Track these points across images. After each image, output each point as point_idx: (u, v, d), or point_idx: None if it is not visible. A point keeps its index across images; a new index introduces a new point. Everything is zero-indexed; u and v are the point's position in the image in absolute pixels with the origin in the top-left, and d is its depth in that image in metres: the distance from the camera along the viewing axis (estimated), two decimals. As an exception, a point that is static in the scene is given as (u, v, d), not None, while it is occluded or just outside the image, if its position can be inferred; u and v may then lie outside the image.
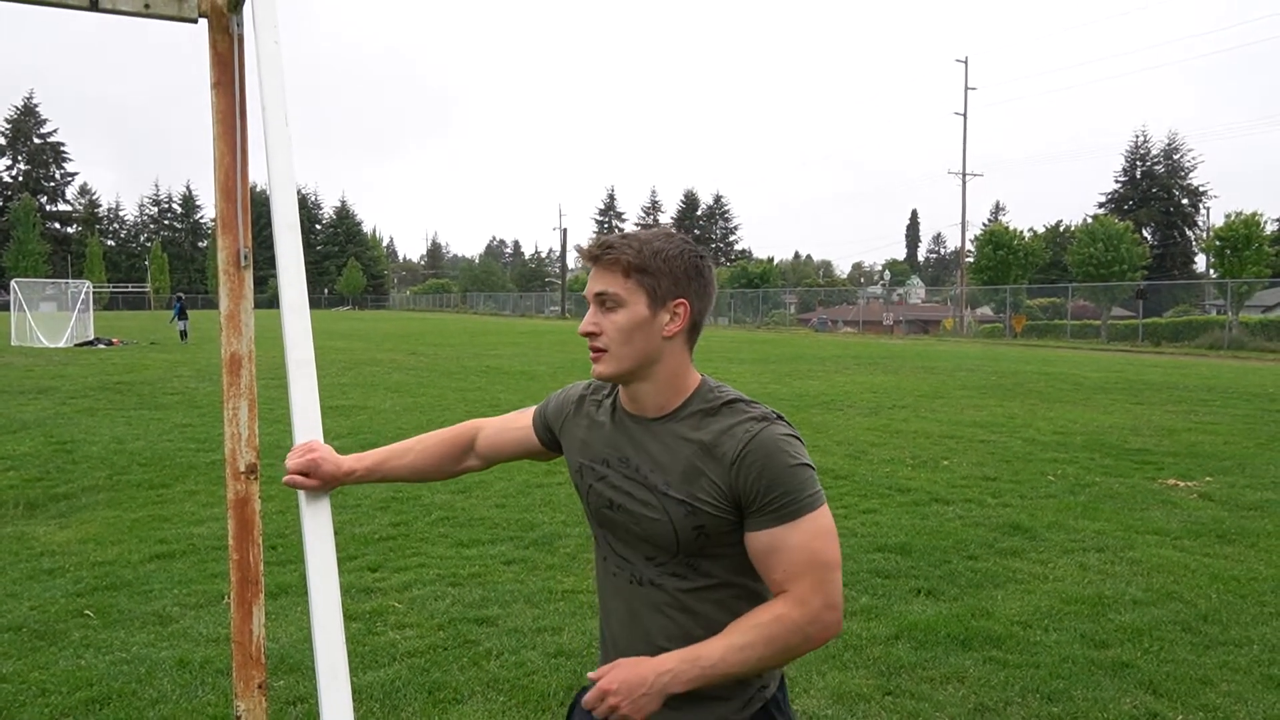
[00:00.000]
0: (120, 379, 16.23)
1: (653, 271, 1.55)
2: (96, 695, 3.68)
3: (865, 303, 56.97)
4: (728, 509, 1.52)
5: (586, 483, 1.68)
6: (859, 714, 3.61)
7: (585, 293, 1.60)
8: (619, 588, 1.66)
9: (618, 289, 1.54)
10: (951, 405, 13.66)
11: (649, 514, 1.57)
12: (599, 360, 1.57)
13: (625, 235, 1.58)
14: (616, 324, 1.55)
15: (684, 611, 1.58)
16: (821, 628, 1.49)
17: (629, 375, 1.58)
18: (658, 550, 1.59)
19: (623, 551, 1.65)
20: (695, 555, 1.56)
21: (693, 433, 1.56)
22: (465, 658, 4.10)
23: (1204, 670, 4.04)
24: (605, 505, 1.65)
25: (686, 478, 1.54)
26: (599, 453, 1.67)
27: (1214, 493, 7.61)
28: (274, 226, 1.90)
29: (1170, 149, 65.77)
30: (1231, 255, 36.14)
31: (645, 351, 1.56)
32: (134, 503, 6.92)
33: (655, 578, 1.60)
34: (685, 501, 1.53)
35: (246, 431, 3.13)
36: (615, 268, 1.55)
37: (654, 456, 1.58)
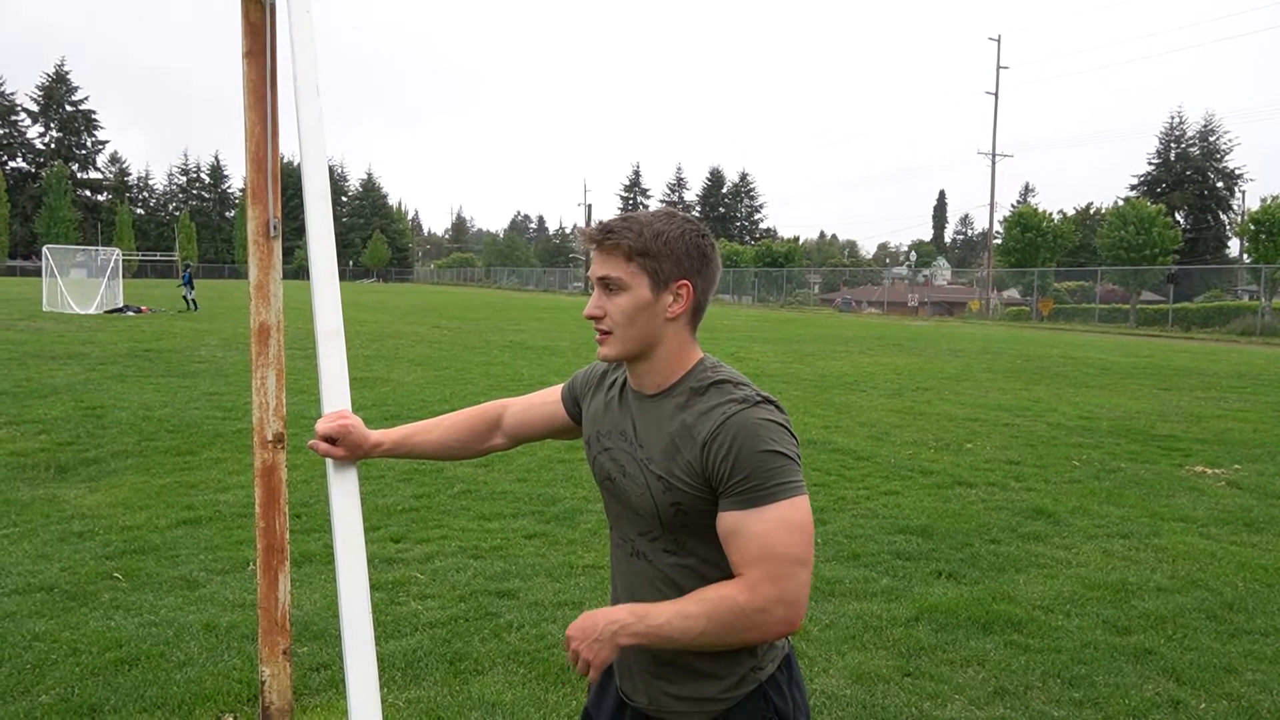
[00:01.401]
0: (149, 346, 16.42)
1: (654, 254, 1.56)
2: (125, 656, 3.75)
3: (890, 283, 56.51)
4: (701, 488, 1.53)
5: (593, 454, 1.73)
6: (878, 695, 3.61)
7: (589, 275, 1.62)
8: (620, 560, 1.72)
9: (620, 273, 1.56)
10: (976, 388, 13.56)
11: (635, 488, 1.62)
12: (604, 343, 1.61)
13: (627, 218, 1.58)
14: (620, 307, 1.57)
15: (673, 587, 1.60)
16: (773, 620, 1.46)
17: (633, 356, 1.61)
18: (648, 524, 1.63)
19: (621, 524, 1.70)
20: (679, 531, 1.59)
21: (679, 411, 1.58)
22: (486, 629, 4.13)
23: (1228, 658, 4.00)
24: (606, 477, 1.70)
25: (666, 454, 1.57)
26: (605, 425, 1.71)
27: (1242, 481, 7.52)
28: (305, 197, 1.89)
29: (1206, 131, 64.51)
30: (1266, 240, 35.48)
31: (648, 333, 1.58)
32: (162, 469, 7.01)
33: (649, 551, 1.64)
34: (663, 478, 1.57)
35: (274, 401, 3.16)
36: (617, 252, 1.56)
37: (644, 432, 1.62)
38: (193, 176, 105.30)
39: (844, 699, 3.57)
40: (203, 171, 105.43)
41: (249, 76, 2.93)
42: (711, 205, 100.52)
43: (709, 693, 1.60)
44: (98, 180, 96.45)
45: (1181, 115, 67.38)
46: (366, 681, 1.52)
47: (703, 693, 1.61)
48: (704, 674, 1.60)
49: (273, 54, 2.94)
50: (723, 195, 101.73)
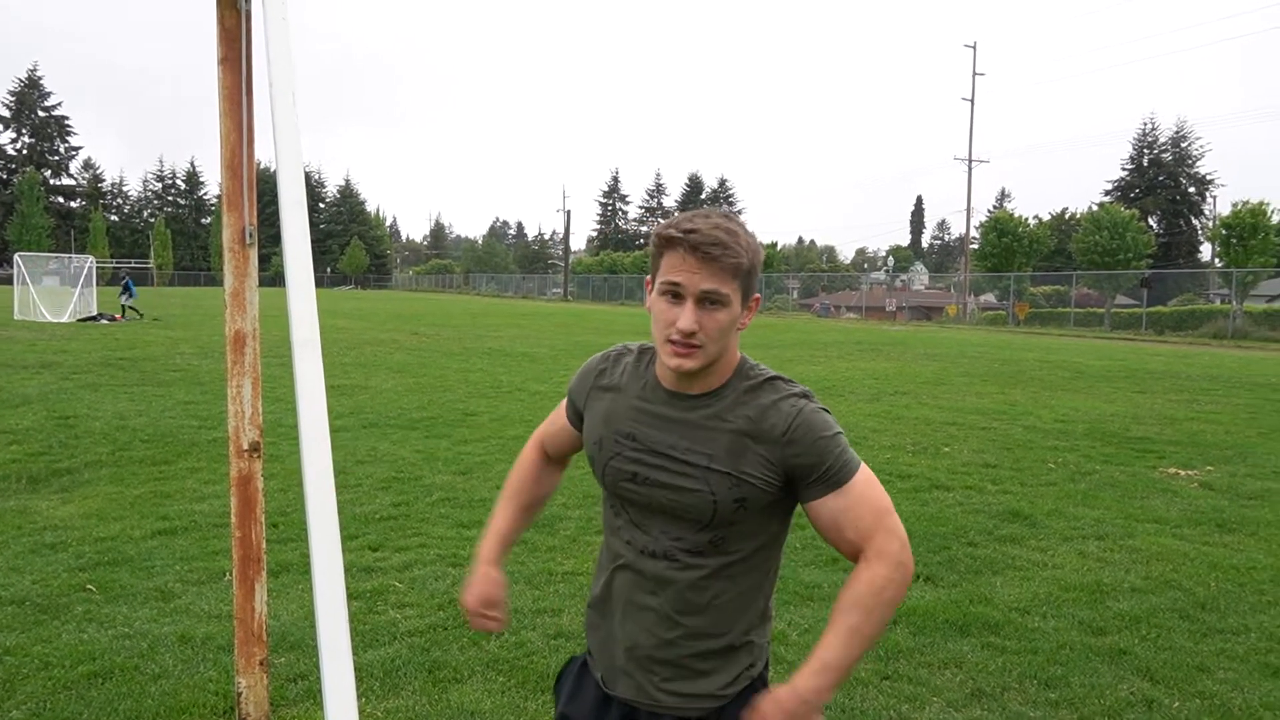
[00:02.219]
0: (123, 355, 16.24)
1: (753, 272, 1.57)
2: (99, 669, 3.70)
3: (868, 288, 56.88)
4: (775, 481, 1.57)
5: (605, 456, 1.67)
6: (857, 698, 3.63)
7: (681, 283, 1.51)
8: (632, 559, 1.66)
9: (727, 290, 1.53)
10: (953, 392, 13.66)
11: (685, 485, 1.58)
12: (691, 355, 1.54)
13: (728, 229, 1.52)
14: (719, 324, 1.54)
15: (689, 589, 1.60)
16: (905, 570, 1.57)
17: (706, 368, 1.59)
18: (683, 523, 1.60)
19: (640, 522, 1.65)
20: (726, 528, 1.58)
21: (738, 408, 1.59)
22: (465, 637, 4.12)
23: (1201, 658, 4.05)
24: (626, 479, 1.64)
25: (732, 453, 1.56)
26: (623, 426, 1.66)
27: (1215, 482, 7.61)
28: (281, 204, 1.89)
29: (1178, 136, 65.31)
30: (1237, 244, 35.98)
31: (727, 345, 1.59)
32: (136, 479, 6.94)
33: (672, 553, 1.61)
34: (730, 474, 1.56)
35: (250, 409, 3.14)
36: (729, 270, 1.52)
37: (695, 432, 1.59)
38: (168, 183, 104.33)
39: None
40: (178, 178, 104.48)
41: (224, 83, 2.92)
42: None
43: (705, 689, 1.62)
44: (71, 187, 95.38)
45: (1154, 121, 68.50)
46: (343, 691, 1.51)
47: (699, 689, 1.62)
48: (701, 672, 1.62)
49: (248, 60, 2.93)
50: (702, 201, 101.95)
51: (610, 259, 76.69)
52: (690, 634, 1.62)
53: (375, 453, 8.07)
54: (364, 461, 7.70)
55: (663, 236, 1.54)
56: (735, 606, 1.63)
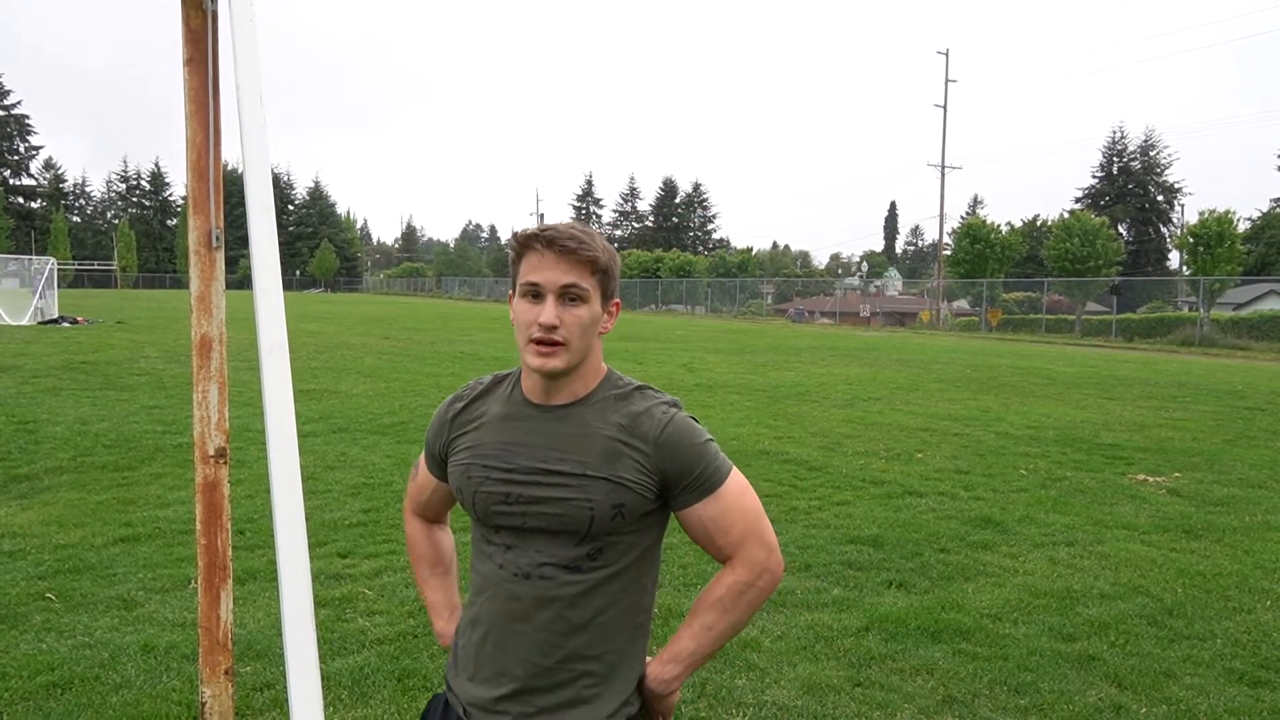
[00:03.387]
0: (85, 358, 16.00)
1: (609, 272, 1.58)
2: (58, 680, 3.65)
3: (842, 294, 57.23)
4: (650, 487, 1.58)
5: (474, 484, 1.64)
6: (829, 705, 3.65)
7: (540, 281, 1.54)
8: (503, 582, 1.62)
9: (587, 284, 1.55)
10: (926, 398, 13.78)
11: (560, 496, 1.56)
12: (555, 354, 1.54)
13: (583, 230, 1.57)
14: (579, 319, 1.55)
15: (570, 606, 1.58)
16: (771, 577, 1.62)
17: (571, 370, 1.59)
18: (559, 539, 1.57)
19: (514, 544, 1.61)
20: (602, 539, 1.57)
21: (609, 415, 1.59)
22: (435, 646, 4.09)
23: (1168, 663, 4.12)
24: (499, 501, 1.61)
25: (608, 458, 1.57)
26: (489, 449, 1.64)
27: (1182, 488, 7.74)
28: (248, 207, 1.88)
29: (1147, 145, 66.44)
30: (1204, 252, 36.62)
31: (589, 347, 1.59)
32: (98, 485, 6.84)
33: (545, 572, 1.58)
34: (608, 479, 1.55)
35: (216, 415, 3.11)
36: (586, 264, 1.54)
37: (567, 441, 1.59)
38: (132, 184, 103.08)
39: (795, 710, 3.60)
40: (143, 179, 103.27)
41: (190, 84, 2.89)
42: (665, 215, 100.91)
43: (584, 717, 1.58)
44: (31, 187, 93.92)
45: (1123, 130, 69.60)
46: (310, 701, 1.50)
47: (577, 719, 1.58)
48: (582, 700, 1.58)
49: (215, 61, 2.91)
50: (676, 205, 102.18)
51: (584, 263, 76.59)
52: (571, 655, 1.58)
53: (345, 458, 8.01)
54: (333, 467, 7.64)
55: (519, 240, 1.58)
56: (616, 624, 1.61)
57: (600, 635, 1.60)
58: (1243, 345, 30.91)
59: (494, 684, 1.61)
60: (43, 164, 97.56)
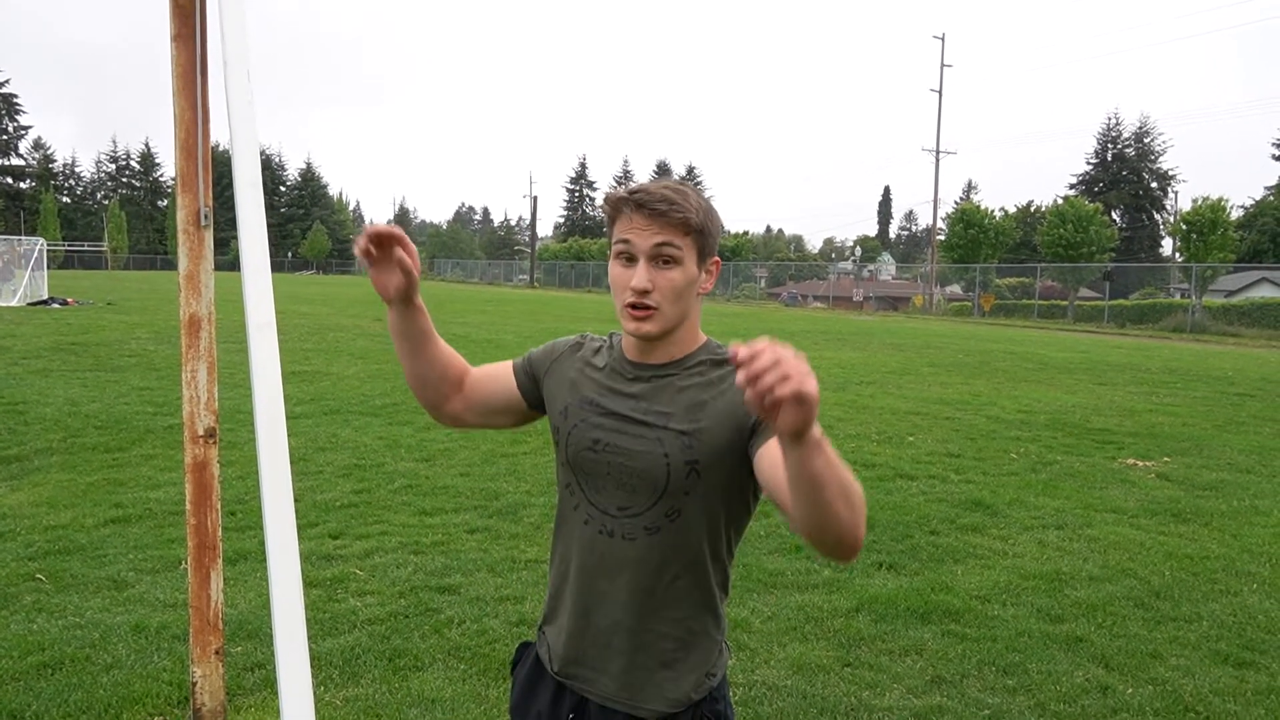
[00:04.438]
0: (75, 339, 15.93)
1: (705, 231, 1.55)
2: (49, 660, 3.65)
3: (836, 278, 57.23)
4: (730, 435, 1.52)
5: (570, 424, 1.64)
6: (818, 685, 3.68)
7: (631, 241, 1.52)
8: (589, 540, 1.62)
9: (680, 244, 1.52)
10: (918, 382, 13.82)
11: (638, 447, 1.55)
12: (648, 318, 1.53)
13: (676, 189, 1.53)
14: (673, 282, 1.52)
15: (644, 570, 1.57)
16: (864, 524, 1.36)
17: (666, 334, 1.57)
18: (637, 495, 1.57)
19: (597, 500, 1.61)
20: (680, 497, 1.55)
21: (698, 378, 1.59)
22: (426, 625, 4.11)
23: (1155, 645, 4.15)
24: (588, 446, 1.61)
25: (691, 410, 1.55)
26: (588, 394, 1.64)
27: (1171, 473, 7.78)
28: (235, 185, 1.86)
29: (1141, 132, 66.45)
30: (1197, 240, 36.68)
31: (686, 310, 1.57)
32: (89, 466, 6.82)
33: (627, 529, 1.58)
34: (685, 433, 1.54)
35: (205, 395, 3.10)
36: (679, 225, 1.51)
37: (655, 394, 1.59)
38: (122, 164, 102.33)
39: (784, 690, 3.62)
40: (133, 158, 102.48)
41: (178, 61, 2.87)
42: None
43: (661, 685, 1.58)
44: (20, 167, 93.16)
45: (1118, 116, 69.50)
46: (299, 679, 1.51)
47: (656, 683, 1.58)
48: (661, 664, 1.58)
49: (203, 37, 2.88)
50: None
51: (577, 245, 76.41)
52: (650, 617, 1.58)
53: (336, 440, 8.00)
54: (325, 449, 7.63)
55: (611, 202, 1.55)
56: (695, 590, 1.60)
57: (680, 600, 1.59)
58: (1234, 332, 31.04)
59: (578, 637, 1.62)
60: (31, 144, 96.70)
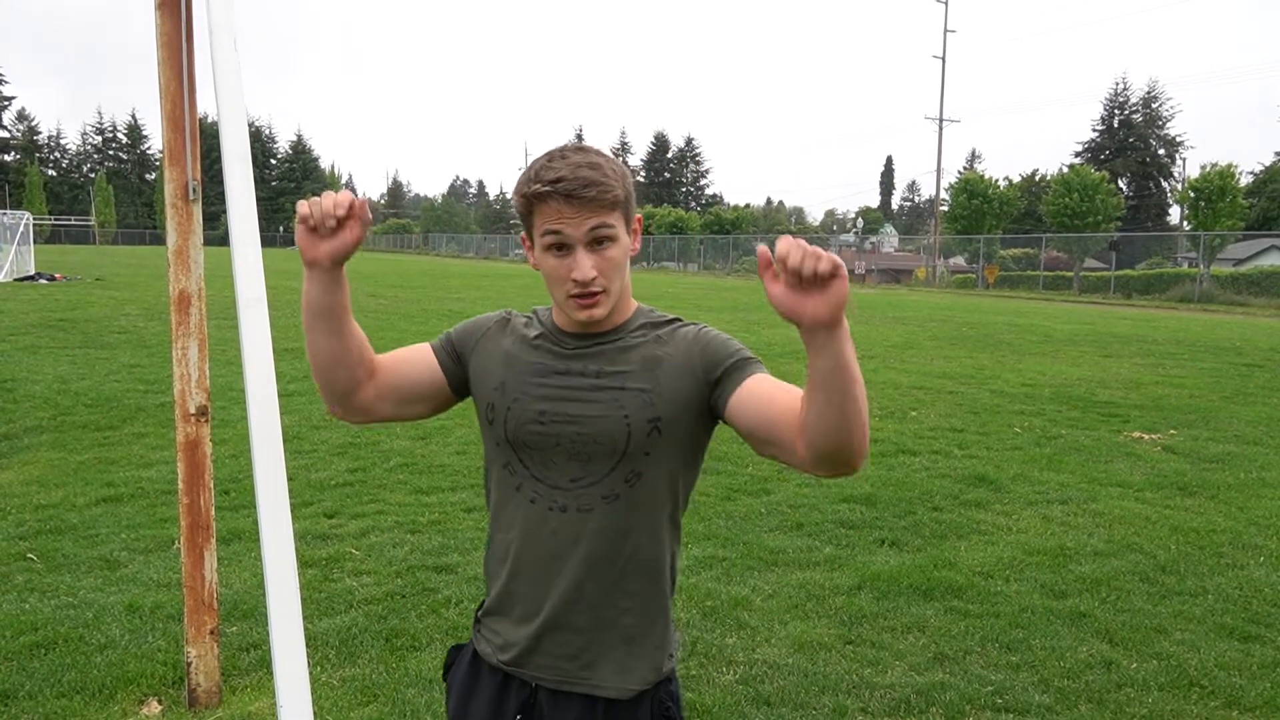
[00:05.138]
0: (63, 316, 15.89)
1: (629, 198, 1.54)
2: (41, 640, 3.67)
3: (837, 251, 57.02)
4: (688, 390, 1.53)
5: (510, 398, 1.58)
6: (820, 663, 3.70)
7: (564, 232, 1.47)
8: (538, 519, 1.56)
9: (613, 220, 1.50)
10: (921, 356, 13.82)
11: (596, 413, 1.52)
12: (598, 304, 1.51)
13: (592, 164, 1.48)
14: (614, 262, 1.51)
15: (605, 540, 1.53)
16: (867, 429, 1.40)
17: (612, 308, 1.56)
18: (593, 463, 1.53)
19: (545, 475, 1.56)
20: (639, 459, 1.52)
21: (643, 338, 1.58)
22: (424, 605, 4.12)
23: (1159, 619, 4.18)
24: (533, 419, 1.55)
25: (646, 366, 1.54)
26: (528, 366, 1.59)
27: (1177, 446, 7.80)
28: (223, 157, 1.84)
29: (1149, 97, 66.01)
30: (1205, 207, 36.57)
31: (625, 279, 1.57)
32: (79, 444, 6.83)
33: (583, 503, 1.54)
34: (645, 391, 1.52)
35: (196, 373, 3.09)
36: (607, 205, 1.48)
37: (604, 360, 1.56)
38: (109, 136, 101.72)
39: (786, 668, 3.64)
40: (119, 131, 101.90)
41: (163, 29, 2.84)
42: (656, 170, 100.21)
43: (620, 663, 1.56)
44: (4, 139, 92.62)
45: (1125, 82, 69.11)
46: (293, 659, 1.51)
47: (615, 662, 1.56)
48: (622, 640, 1.56)
49: (188, 5, 2.85)
50: (668, 160, 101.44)
51: (574, 219, 76.13)
52: (612, 590, 1.55)
53: (330, 418, 8.00)
54: (319, 427, 7.64)
55: (530, 195, 1.49)
56: (653, 560, 1.58)
57: (640, 570, 1.56)
58: (1242, 302, 31.02)
59: (530, 622, 1.58)
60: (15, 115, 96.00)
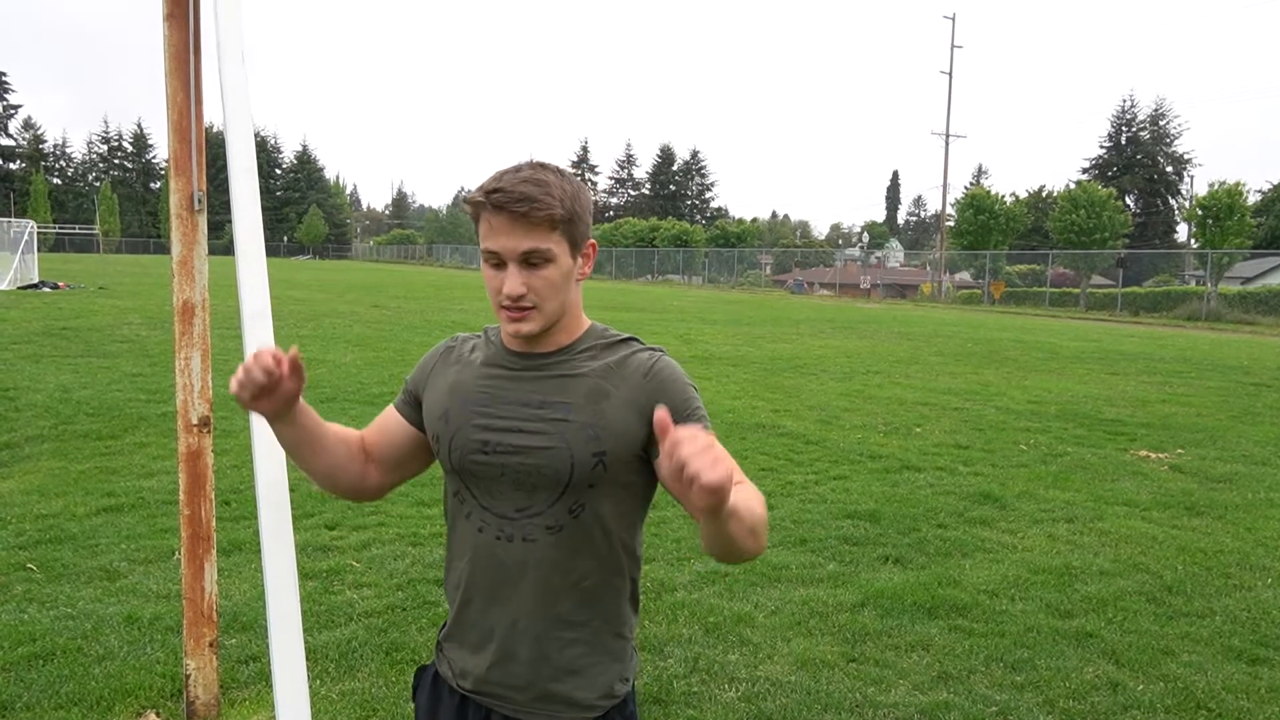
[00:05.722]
0: (66, 324, 15.94)
1: (574, 219, 1.50)
2: (40, 650, 3.66)
3: (842, 265, 57.11)
4: (635, 426, 1.50)
5: (453, 428, 1.57)
6: (823, 680, 3.68)
7: (497, 249, 1.47)
8: (485, 547, 1.56)
9: (549, 245, 1.47)
10: (926, 372, 13.80)
11: (540, 444, 1.51)
12: (526, 319, 1.50)
13: (535, 181, 1.46)
14: (548, 281, 1.49)
15: (555, 570, 1.52)
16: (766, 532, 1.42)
17: (549, 327, 1.54)
18: (537, 493, 1.52)
19: (491, 504, 1.56)
20: (584, 492, 1.51)
21: (595, 360, 1.56)
22: (425, 619, 4.12)
23: (1166, 641, 4.16)
24: (477, 449, 1.54)
25: (592, 399, 1.51)
26: (470, 393, 1.58)
27: (1185, 465, 7.78)
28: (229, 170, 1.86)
29: (1157, 114, 66.16)
30: (1213, 225, 36.54)
31: (565, 302, 1.54)
32: (80, 454, 6.84)
33: (528, 532, 1.53)
34: (590, 426, 1.50)
35: (199, 383, 3.10)
36: (545, 224, 1.46)
37: (549, 384, 1.54)
38: (114, 145, 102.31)
39: (788, 685, 3.63)
40: (125, 140, 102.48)
41: (171, 41, 2.86)
42: (662, 183, 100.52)
43: (571, 693, 1.56)
44: (10, 147, 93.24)
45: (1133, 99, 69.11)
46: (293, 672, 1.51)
47: (566, 692, 1.55)
48: (570, 670, 1.55)
49: (196, 16, 2.87)
50: (673, 173, 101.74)
51: (578, 231, 76.32)
52: (556, 622, 1.55)
53: (332, 429, 8.00)
54: (320, 438, 7.64)
55: (471, 202, 1.50)
56: (604, 590, 1.57)
57: (587, 601, 1.55)
58: (1250, 320, 30.97)
59: (482, 652, 1.58)
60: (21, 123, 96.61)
